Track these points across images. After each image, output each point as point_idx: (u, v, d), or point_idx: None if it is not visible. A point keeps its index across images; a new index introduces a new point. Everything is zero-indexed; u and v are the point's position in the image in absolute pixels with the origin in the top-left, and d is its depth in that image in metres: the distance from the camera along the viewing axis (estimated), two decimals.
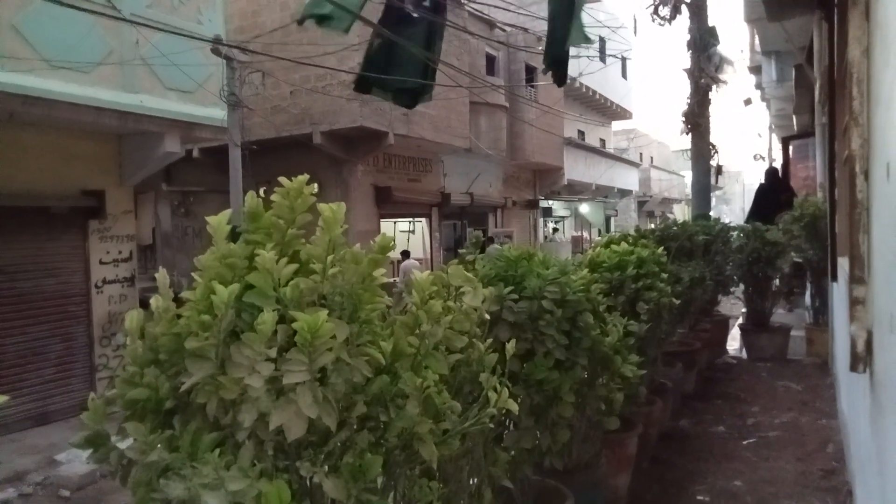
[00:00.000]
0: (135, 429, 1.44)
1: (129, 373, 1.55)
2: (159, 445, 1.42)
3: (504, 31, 16.18)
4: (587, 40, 6.08)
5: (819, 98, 7.27)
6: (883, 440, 2.33)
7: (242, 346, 1.39)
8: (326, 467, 1.49)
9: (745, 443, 4.74)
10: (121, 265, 8.29)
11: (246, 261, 1.54)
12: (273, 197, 1.61)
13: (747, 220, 8.90)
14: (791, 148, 11.71)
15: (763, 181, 10.67)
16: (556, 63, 6.43)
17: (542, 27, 14.25)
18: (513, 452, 2.54)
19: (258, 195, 1.63)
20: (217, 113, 8.48)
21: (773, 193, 9.56)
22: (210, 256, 1.54)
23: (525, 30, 15.64)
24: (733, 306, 9.77)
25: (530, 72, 17.27)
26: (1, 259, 7.04)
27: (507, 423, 2.61)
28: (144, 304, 1.69)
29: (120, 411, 1.54)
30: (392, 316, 1.79)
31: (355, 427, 1.54)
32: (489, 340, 2.02)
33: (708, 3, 9.62)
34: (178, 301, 1.57)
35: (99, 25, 7.03)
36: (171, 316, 1.54)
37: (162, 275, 1.62)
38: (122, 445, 1.50)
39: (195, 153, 11.83)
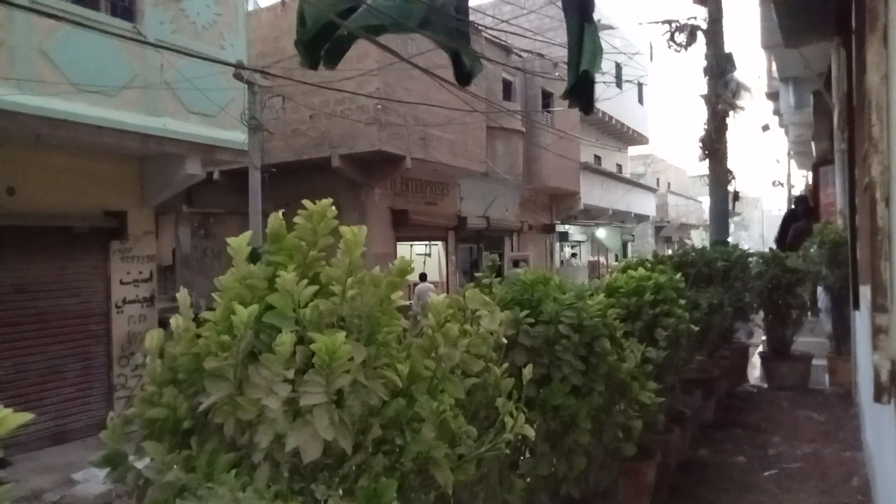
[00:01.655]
0: (153, 448, 1.45)
1: (148, 392, 1.56)
2: (176, 465, 1.43)
3: (521, 56, 16.35)
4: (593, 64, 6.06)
5: (838, 124, 7.24)
6: None
7: (260, 366, 1.40)
8: (341, 490, 1.49)
9: (766, 474, 4.63)
10: (141, 285, 8.40)
11: (266, 282, 1.56)
12: (296, 219, 1.63)
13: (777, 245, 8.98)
14: (819, 174, 11.58)
15: (793, 206, 10.68)
16: (579, 91, 6.41)
17: (559, 53, 14.40)
18: (529, 479, 2.51)
19: (279, 216, 1.65)
20: (238, 136, 8.64)
21: (796, 220, 9.57)
22: (230, 277, 1.56)
23: (542, 56, 15.80)
24: (752, 334, 9.61)
25: (547, 97, 17.40)
26: (23, 278, 7.17)
27: (522, 449, 2.58)
28: (163, 325, 1.71)
29: (138, 431, 1.55)
30: (408, 339, 1.79)
31: (371, 450, 1.54)
32: (505, 365, 2.01)
33: (724, 29, 9.66)
34: (198, 321, 1.59)
35: (125, 51, 7.23)
36: (190, 336, 1.56)
37: (183, 295, 1.64)
38: (140, 465, 1.50)
39: (216, 175, 12.03)
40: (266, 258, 1.63)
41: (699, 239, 30.86)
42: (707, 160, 9.75)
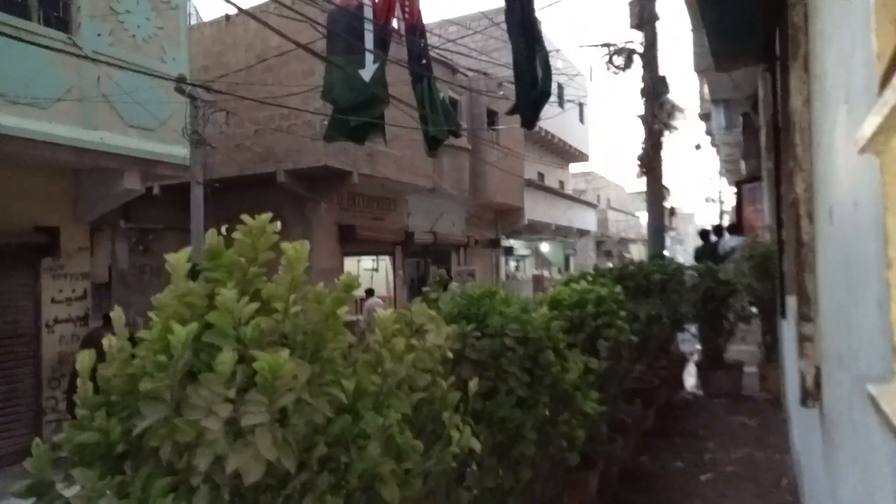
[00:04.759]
0: (83, 475, 1.39)
1: (79, 416, 1.49)
2: (108, 492, 1.37)
3: (466, 76, 16.57)
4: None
5: (765, 144, 7.64)
6: (835, 475, 2.39)
7: (200, 387, 1.36)
8: None
9: (703, 478, 4.79)
10: (74, 304, 8.02)
11: (205, 300, 1.52)
12: (235, 235, 1.60)
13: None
14: (743, 191, 12.29)
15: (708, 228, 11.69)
16: (529, 107, 6.71)
17: (503, 73, 14.74)
18: (475, 492, 2.52)
19: (219, 233, 1.62)
20: (179, 151, 8.41)
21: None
22: (168, 295, 1.51)
23: (487, 75, 16.07)
24: (683, 343, 9.95)
25: (492, 115, 17.68)
26: None
27: (469, 463, 2.59)
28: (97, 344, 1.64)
29: (67, 457, 1.48)
30: (354, 354, 1.78)
31: (315, 469, 1.51)
32: (452, 378, 2.02)
33: (659, 54, 10.08)
34: (134, 341, 1.53)
35: (59, 62, 6.95)
36: (125, 356, 1.50)
37: (117, 314, 1.58)
38: (69, 493, 1.43)
39: (155, 190, 11.64)
40: (204, 275, 1.59)
41: (638, 253, 31.82)
42: (644, 177, 10.10)
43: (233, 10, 11.60)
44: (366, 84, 6.86)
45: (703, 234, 11.52)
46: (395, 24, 7.48)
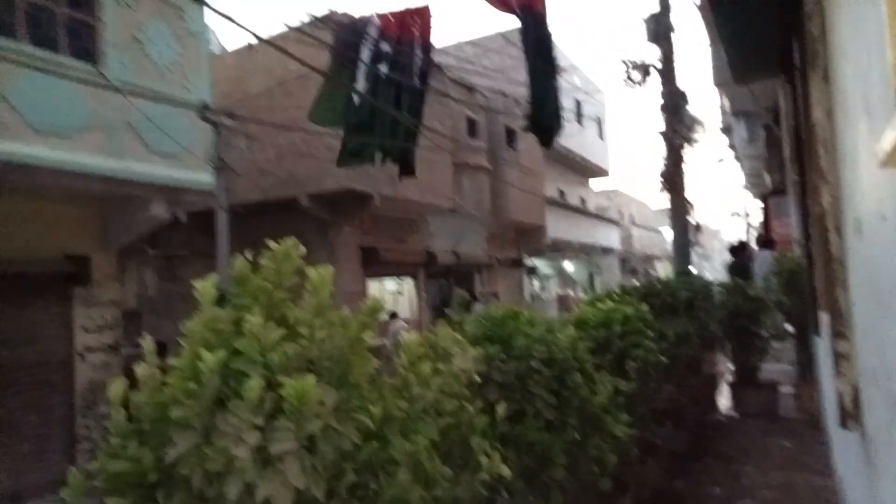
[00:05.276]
0: None
1: (113, 444, 1.51)
2: None
3: (485, 96, 16.69)
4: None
5: (789, 156, 7.54)
6: (880, 499, 2.31)
7: (228, 414, 1.37)
8: None
9: None
10: (104, 332, 8.15)
11: (233, 326, 1.53)
12: (261, 260, 1.61)
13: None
14: (770, 204, 12.14)
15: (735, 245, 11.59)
16: (541, 126, 6.75)
17: (521, 91, 14.81)
18: None
19: (245, 258, 1.64)
20: (203, 177, 8.57)
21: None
22: (196, 322, 1.53)
23: (504, 94, 16.18)
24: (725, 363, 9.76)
25: (511, 134, 17.74)
26: None
27: (499, 489, 2.55)
28: (128, 372, 1.66)
29: (101, 486, 1.49)
30: (381, 379, 1.78)
31: (345, 496, 1.50)
32: (478, 402, 2.01)
33: (677, 67, 10.06)
34: (164, 368, 1.55)
35: (86, 92, 7.15)
36: (155, 384, 1.52)
37: (147, 342, 1.60)
38: None
39: (181, 217, 11.84)
40: (232, 301, 1.60)
41: (663, 270, 31.43)
42: (667, 193, 10.02)
43: (255, 39, 11.85)
44: (354, 106, 6.92)
45: (733, 249, 11.36)
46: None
